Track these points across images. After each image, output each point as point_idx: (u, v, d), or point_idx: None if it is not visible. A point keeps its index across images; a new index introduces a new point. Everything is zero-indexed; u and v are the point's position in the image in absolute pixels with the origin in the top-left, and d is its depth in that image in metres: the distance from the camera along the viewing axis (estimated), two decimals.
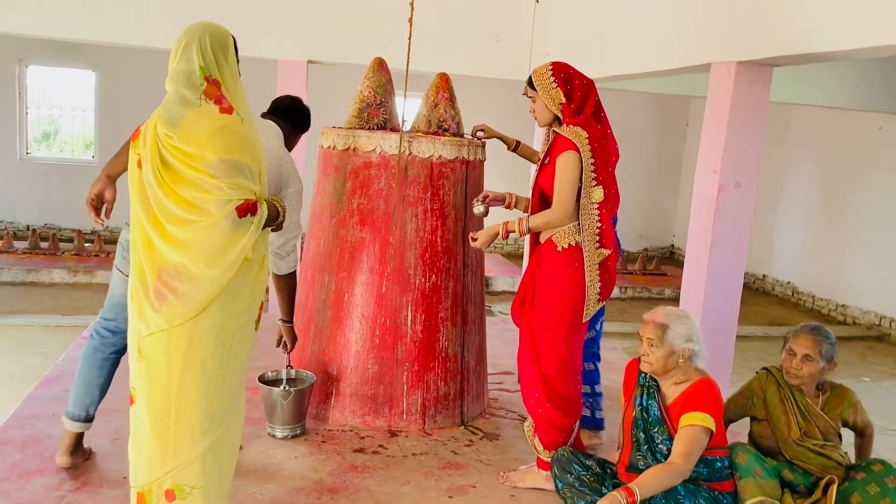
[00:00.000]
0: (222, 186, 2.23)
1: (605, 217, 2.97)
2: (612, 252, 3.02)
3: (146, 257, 2.30)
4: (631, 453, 2.88)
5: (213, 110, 2.29)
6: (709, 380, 2.78)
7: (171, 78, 2.32)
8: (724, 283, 4.53)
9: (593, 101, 3.00)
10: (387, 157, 3.60)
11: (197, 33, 2.32)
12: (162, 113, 2.29)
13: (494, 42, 6.39)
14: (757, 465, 2.80)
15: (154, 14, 5.77)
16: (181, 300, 2.26)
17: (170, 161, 2.26)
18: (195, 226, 2.24)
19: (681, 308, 3.12)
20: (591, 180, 2.93)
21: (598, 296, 3.01)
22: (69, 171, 10.39)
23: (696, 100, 11.38)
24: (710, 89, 4.52)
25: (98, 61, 9.93)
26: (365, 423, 3.68)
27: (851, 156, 8.87)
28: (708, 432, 2.69)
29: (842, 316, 8.77)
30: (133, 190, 2.35)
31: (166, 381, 2.30)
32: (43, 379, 4.09)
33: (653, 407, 2.83)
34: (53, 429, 3.45)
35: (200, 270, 2.25)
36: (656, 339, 2.75)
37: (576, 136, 2.91)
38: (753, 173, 4.48)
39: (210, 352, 2.31)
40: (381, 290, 3.65)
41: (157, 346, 2.29)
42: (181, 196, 2.24)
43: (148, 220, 2.29)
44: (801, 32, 3.80)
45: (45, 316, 6.61)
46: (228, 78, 2.34)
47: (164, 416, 2.32)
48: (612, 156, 3.04)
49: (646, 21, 5.11)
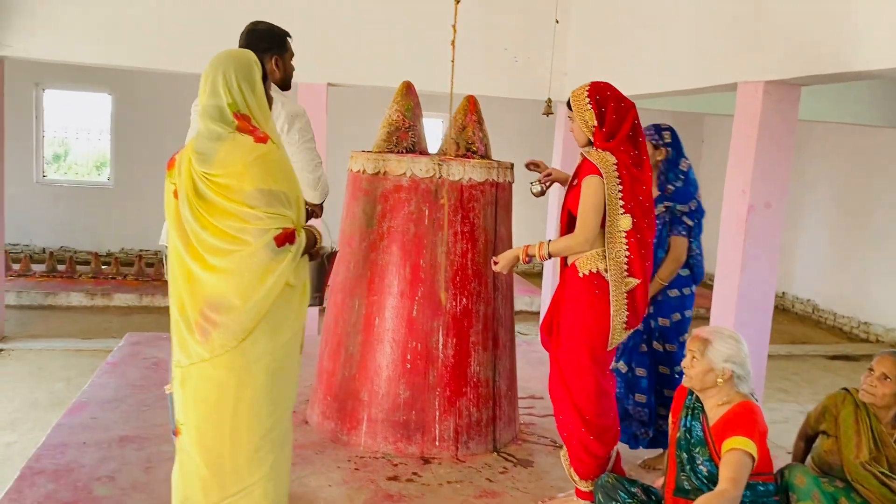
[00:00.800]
0: (261, 216, 2.23)
1: (634, 246, 2.88)
2: (642, 283, 2.92)
3: (186, 290, 2.29)
4: (676, 475, 2.82)
5: (247, 141, 2.29)
6: (750, 403, 2.73)
7: (203, 113, 2.32)
8: (755, 304, 4.48)
9: (629, 125, 2.91)
10: (417, 181, 3.58)
11: (221, 67, 2.32)
12: (195, 149, 2.28)
13: (513, 62, 6.39)
14: (816, 489, 2.77)
15: (170, 38, 5.80)
16: (222, 331, 2.26)
17: (205, 193, 2.25)
18: (234, 255, 2.24)
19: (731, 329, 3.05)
20: (618, 207, 2.86)
21: (624, 324, 2.94)
22: (85, 193, 10.43)
23: (710, 117, 11.37)
24: (738, 109, 4.49)
25: (114, 84, 9.99)
26: (397, 449, 3.63)
27: (871, 172, 8.82)
28: (751, 457, 2.64)
29: (864, 333, 8.68)
30: (170, 220, 2.35)
31: (218, 410, 2.29)
32: (71, 406, 4.06)
33: (696, 428, 2.79)
34: (85, 457, 3.41)
35: (240, 300, 2.25)
36: (697, 352, 2.73)
37: (601, 162, 2.85)
38: (783, 193, 4.44)
39: (261, 379, 2.31)
40: (411, 314, 3.61)
41: (203, 377, 2.28)
42: (218, 227, 2.24)
43: (187, 251, 2.29)
44: (830, 52, 3.77)
45: (64, 340, 6.59)
46: (256, 109, 2.34)
47: (218, 445, 2.31)
48: (644, 183, 2.93)
49: (670, 40, 5.10)
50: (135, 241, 10.40)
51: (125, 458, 3.45)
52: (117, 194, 10.32)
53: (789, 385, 6.71)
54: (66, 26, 5.67)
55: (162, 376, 4.63)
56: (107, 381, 4.48)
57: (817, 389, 6.63)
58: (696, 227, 3.63)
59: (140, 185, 10.21)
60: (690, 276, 3.69)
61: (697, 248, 3.68)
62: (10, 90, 6.52)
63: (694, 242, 3.64)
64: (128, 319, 7.53)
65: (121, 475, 3.26)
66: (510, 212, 3.89)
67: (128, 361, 4.89)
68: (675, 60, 5.05)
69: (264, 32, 3.14)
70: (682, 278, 3.64)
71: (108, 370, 4.69)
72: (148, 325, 7.27)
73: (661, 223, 3.57)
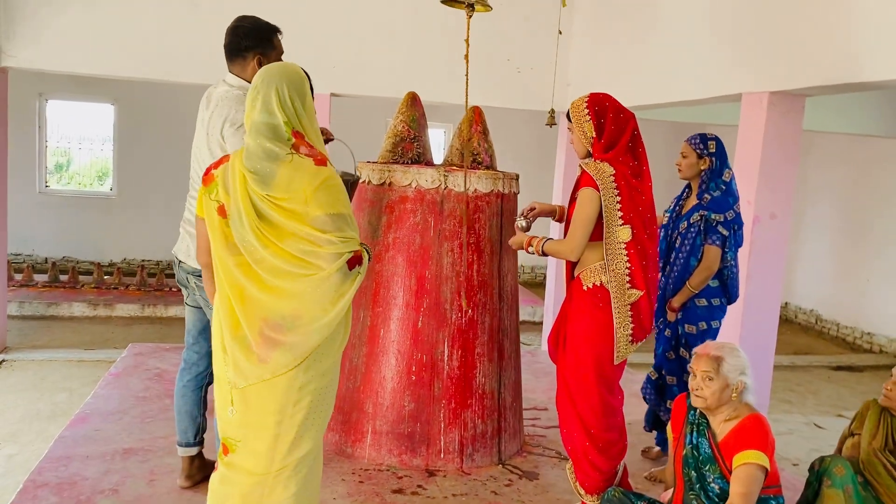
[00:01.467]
0: (333, 240, 2.21)
1: (635, 257, 2.86)
2: (645, 293, 2.90)
3: (243, 309, 2.25)
4: (684, 493, 2.80)
5: (307, 164, 2.24)
6: (758, 416, 2.72)
7: (253, 130, 2.26)
8: (761, 316, 4.46)
9: (628, 136, 2.90)
10: (423, 192, 3.57)
11: (274, 82, 2.27)
12: (251, 169, 2.22)
13: (516, 73, 6.40)
14: (850, 484, 2.81)
15: (173, 49, 5.81)
16: (287, 351, 2.23)
17: (270, 216, 2.21)
18: (305, 279, 2.22)
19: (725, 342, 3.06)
20: (616, 219, 2.84)
21: (630, 337, 2.91)
22: (87, 203, 10.43)
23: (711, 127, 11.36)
24: (742, 119, 4.49)
25: (117, 95, 10.01)
26: (402, 462, 3.61)
27: (873, 182, 8.82)
28: (763, 470, 2.62)
29: (868, 344, 8.66)
30: (216, 239, 2.29)
31: (272, 429, 2.28)
32: (74, 418, 4.03)
33: (703, 445, 2.76)
34: (87, 470, 3.39)
35: (310, 322, 2.23)
36: (712, 370, 2.70)
37: (598, 173, 2.84)
38: (788, 204, 4.43)
39: (312, 398, 2.31)
40: (417, 325, 3.60)
41: (261, 396, 2.27)
42: (285, 250, 2.21)
43: (242, 272, 2.25)
44: (835, 63, 3.77)
45: (67, 350, 6.57)
46: (308, 125, 2.31)
47: (267, 463, 2.30)
48: (643, 194, 2.91)
49: (674, 51, 5.10)
50: (137, 252, 10.40)
51: (128, 470, 3.42)
52: (120, 204, 10.33)
53: (793, 396, 6.68)
54: (69, 37, 5.69)
55: (165, 387, 4.61)
56: (109, 393, 4.46)
57: (821, 400, 6.61)
58: (731, 237, 3.60)
59: (142, 194, 10.22)
60: (720, 288, 3.65)
61: (733, 259, 3.64)
62: (14, 100, 6.52)
63: (729, 253, 3.61)
64: (130, 330, 7.51)
65: (124, 488, 3.24)
66: None
67: (130, 372, 4.87)
68: (680, 71, 5.05)
69: (248, 29, 2.98)
70: (711, 289, 3.62)
71: (110, 381, 4.68)
72: (150, 336, 7.25)
73: (696, 231, 3.59)
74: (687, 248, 3.63)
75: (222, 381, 2.33)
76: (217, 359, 2.34)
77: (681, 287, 3.62)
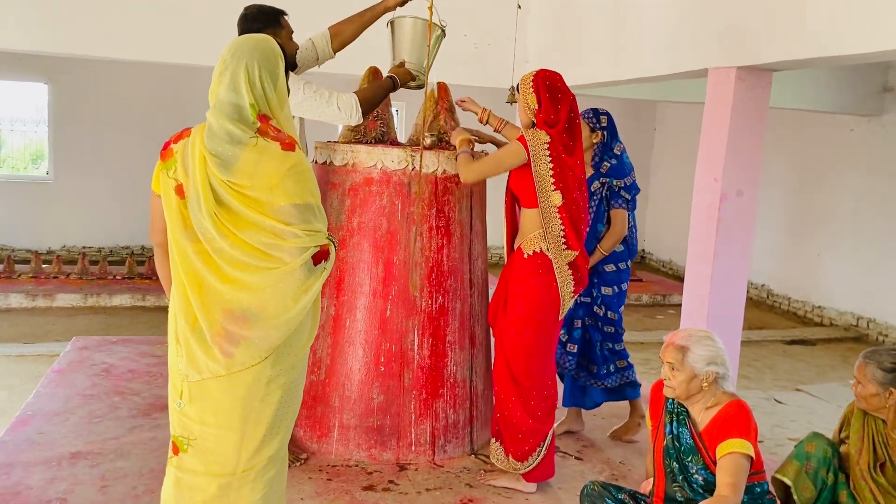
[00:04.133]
0: (298, 233, 2.03)
1: (567, 221, 3.08)
2: (580, 253, 3.15)
3: (201, 300, 2.06)
4: (666, 485, 2.71)
5: (274, 149, 2.05)
6: (740, 402, 2.64)
7: (217, 109, 2.07)
8: (728, 295, 4.42)
9: (566, 115, 3.08)
10: (388, 173, 3.39)
11: (244, 58, 2.07)
12: (211, 150, 2.02)
13: (473, 49, 6.22)
14: (813, 462, 2.78)
15: (110, 24, 5.44)
16: (250, 345, 2.06)
17: (230, 203, 2.02)
18: (266, 273, 2.04)
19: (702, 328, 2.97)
20: (549, 185, 3.05)
21: (571, 293, 3.17)
22: (21, 188, 9.91)
23: (662, 104, 11.41)
24: (709, 95, 4.41)
25: (50, 73, 9.49)
26: (371, 456, 3.45)
27: (823, 158, 8.94)
28: (749, 459, 2.55)
29: (819, 317, 8.82)
30: (173, 220, 2.09)
31: (236, 428, 2.11)
32: (14, 420, 3.76)
33: (684, 435, 2.67)
34: (32, 478, 3.15)
35: (271, 317, 2.06)
36: (676, 362, 2.60)
37: (533, 139, 3.05)
38: (755, 181, 4.38)
39: (279, 396, 2.15)
40: (385, 314, 3.43)
41: (221, 392, 2.09)
42: (245, 241, 2.02)
43: (201, 260, 2.06)
44: (803, 37, 3.70)
45: (4, 345, 6.20)
46: (277, 107, 2.12)
47: (232, 464, 2.13)
48: (573, 169, 3.10)
49: (637, 26, 5.00)
50: (77, 238, 9.94)
51: (77, 476, 3.19)
52: (57, 189, 9.83)
53: (751, 371, 6.75)
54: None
55: (114, 383, 4.36)
56: (53, 391, 4.18)
57: (778, 375, 6.68)
58: (632, 202, 3.84)
59: (81, 178, 9.75)
60: (626, 252, 3.89)
61: (632, 221, 3.88)
62: None
63: (630, 216, 3.84)
64: (72, 321, 7.15)
65: (73, 497, 3.02)
66: (485, 205, 3.74)
67: (75, 368, 4.59)
68: (643, 46, 4.95)
69: (255, 13, 3.07)
70: (617, 254, 3.84)
71: (54, 379, 4.39)
72: (95, 327, 6.91)
73: (599, 198, 3.78)
74: (591, 216, 3.78)
75: (174, 373, 2.15)
76: (170, 349, 2.17)
77: (591, 253, 3.76)
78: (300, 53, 3.36)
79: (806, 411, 5.64)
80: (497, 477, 3.34)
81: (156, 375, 4.50)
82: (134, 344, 5.13)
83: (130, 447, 3.51)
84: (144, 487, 3.12)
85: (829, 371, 6.97)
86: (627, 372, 3.99)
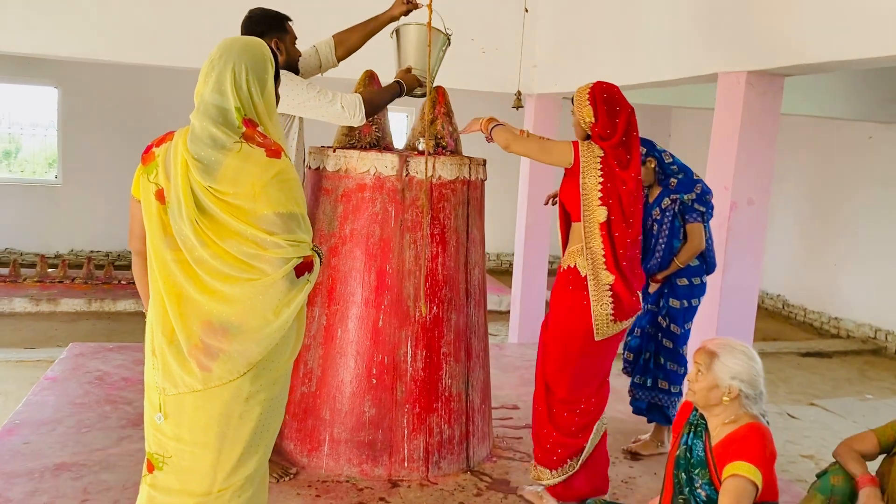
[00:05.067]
0: (281, 244, 1.93)
1: (607, 240, 2.90)
2: (617, 278, 2.91)
3: (179, 311, 1.97)
4: (672, 496, 2.58)
5: (259, 155, 1.95)
6: (758, 425, 2.47)
7: (200, 111, 1.98)
8: (739, 307, 4.27)
9: (623, 128, 2.93)
10: (382, 179, 3.29)
11: (232, 59, 1.99)
12: (193, 154, 1.93)
13: (480, 54, 6.11)
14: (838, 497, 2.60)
15: (118, 28, 5.38)
16: (228, 360, 1.97)
17: (212, 211, 1.93)
18: (246, 285, 1.94)
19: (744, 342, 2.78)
20: (595, 198, 2.90)
21: (611, 317, 2.93)
22: (31, 192, 9.90)
23: (678, 110, 11.23)
24: (719, 101, 4.27)
25: (60, 77, 9.49)
26: (362, 472, 3.34)
27: (841, 166, 8.74)
28: (754, 486, 2.40)
29: (835, 329, 8.60)
30: (152, 227, 2.00)
31: (212, 446, 2.02)
32: (1, 429, 3.68)
33: (697, 447, 2.54)
34: (12, 490, 3.07)
35: (250, 330, 1.96)
36: (703, 365, 2.48)
37: (587, 151, 2.92)
38: (766, 189, 4.23)
39: (258, 412, 2.05)
40: (377, 324, 3.32)
41: (197, 408, 1.99)
42: (227, 251, 1.93)
43: (180, 269, 1.97)
44: (815, 40, 3.57)
45: (4, 350, 6.15)
46: (264, 112, 2.03)
47: (209, 482, 2.04)
48: (626, 183, 2.93)
49: (646, 29, 4.87)
50: (84, 243, 9.92)
51: (59, 489, 3.10)
52: (65, 193, 9.82)
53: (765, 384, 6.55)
54: (5, 14, 5.23)
55: (106, 391, 4.27)
56: (45, 399, 4.10)
57: (792, 388, 6.50)
58: (706, 212, 3.74)
59: (89, 182, 9.73)
60: (701, 266, 3.78)
61: (709, 233, 3.77)
62: None
63: (706, 227, 3.73)
64: (75, 326, 7.11)
65: None
66: (483, 212, 3.62)
67: (69, 376, 4.51)
68: (652, 51, 4.81)
69: (260, 17, 3.03)
70: (692, 268, 3.75)
71: (46, 386, 4.31)
72: (97, 333, 6.86)
73: (672, 214, 3.71)
74: (667, 232, 3.73)
75: (150, 386, 2.06)
76: (147, 362, 2.08)
77: (668, 267, 3.75)
78: (303, 60, 3.30)
79: (820, 426, 5.46)
80: (524, 490, 3.31)
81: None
82: (129, 351, 5.05)
83: (117, 459, 3.42)
84: (126, 501, 3.03)
85: (846, 385, 6.77)
86: (662, 396, 3.84)
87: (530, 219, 6.23)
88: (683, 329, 3.82)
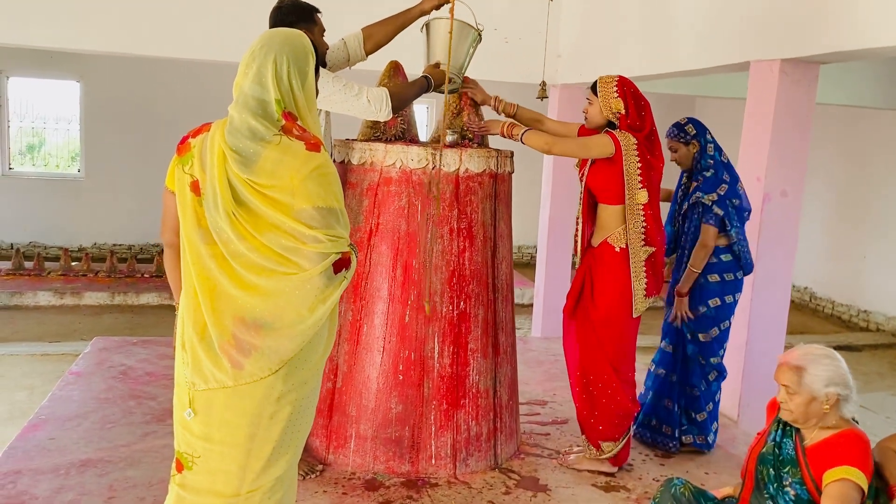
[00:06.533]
0: (320, 238, 1.89)
1: (650, 218, 3.22)
2: (658, 249, 3.25)
3: (212, 306, 1.94)
4: (753, 494, 2.49)
5: (298, 148, 1.91)
6: (861, 434, 2.36)
7: (240, 102, 1.94)
8: (771, 300, 4.19)
9: (650, 123, 3.23)
10: (408, 172, 3.23)
11: (273, 51, 1.95)
12: (232, 146, 1.90)
13: (503, 44, 6.02)
14: None
15: (140, 21, 5.36)
16: (261, 356, 1.93)
17: (251, 203, 1.89)
18: (283, 279, 1.90)
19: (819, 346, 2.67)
20: (636, 183, 3.18)
21: (644, 291, 3.24)
22: (55, 186, 9.96)
23: (701, 100, 11.05)
24: (751, 90, 4.17)
25: (82, 71, 9.51)
26: (389, 469, 3.29)
27: (871, 156, 8.56)
28: (860, 492, 2.29)
29: (864, 322, 8.45)
30: (187, 219, 1.96)
31: (246, 445, 1.98)
32: (27, 425, 3.67)
33: (787, 445, 2.43)
34: (38, 487, 3.05)
35: (284, 326, 1.92)
36: (792, 384, 2.33)
37: (625, 140, 3.16)
38: (800, 180, 4.14)
39: (293, 408, 2.02)
40: (403, 319, 3.27)
41: (228, 407, 1.96)
42: (264, 244, 1.89)
43: (216, 264, 1.93)
44: (853, 27, 3.46)
45: (29, 344, 6.19)
46: (304, 106, 1.99)
47: (237, 483, 2.00)
48: (654, 170, 3.25)
49: (674, 17, 4.76)
50: (108, 236, 9.97)
51: (84, 486, 3.08)
52: (89, 186, 9.87)
53: None
54: (28, 8, 5.22)
55: (130, 387, 4.26)
56: (69, 394, 4.09)
57: None
58: (730, 213, 3.57)
59: (112, 176, 9.78)
60: (734, 262, 3.64)
61: (739, 233, 3.61)
62: None
63: (732, 230, 3.58)
64: (99, 319, 7.13)
65: None
66: (510, 205, 3.55)
67: (93, 371, 4.50)
68: (681, 39, 4.71)
69: (290, 7, 3.01)
70: (724, 263, 3.62)
71: (71, 381, 4.31)
72: (120, 326, 6.88)
73: (697, 213, 3.64)
74: (692, 230, 3.69)
75: (180, 383, 2.03)
76: (177, 356, 2.05)
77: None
78: (331, 53, 3.26)
79: None
80: (581, 461, 3.47)
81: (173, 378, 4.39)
82: (153, 345, 5.04)
83: (141, 455, 3.40)
84: (152, 499, 3.00)
85: (877, 379, 6.64)
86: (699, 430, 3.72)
87: (554, 211, 6.14)
88: (720, 332, 3.68)
